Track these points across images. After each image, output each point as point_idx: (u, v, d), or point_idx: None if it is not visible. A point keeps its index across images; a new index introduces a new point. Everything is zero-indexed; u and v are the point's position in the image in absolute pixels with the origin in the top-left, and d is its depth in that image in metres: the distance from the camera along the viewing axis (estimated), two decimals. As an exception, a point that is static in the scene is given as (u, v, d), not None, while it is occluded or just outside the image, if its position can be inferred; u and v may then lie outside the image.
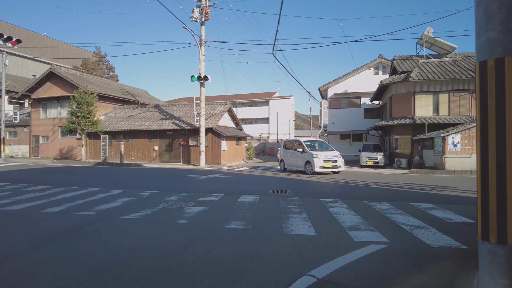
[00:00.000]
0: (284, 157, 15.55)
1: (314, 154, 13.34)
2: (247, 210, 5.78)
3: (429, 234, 4.30)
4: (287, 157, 15.32)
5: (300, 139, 15.06)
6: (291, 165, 14.94)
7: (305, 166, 13.63)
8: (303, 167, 13.84)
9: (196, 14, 19.18)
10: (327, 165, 13.10)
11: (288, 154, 15.24)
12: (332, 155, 13.59)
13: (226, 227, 4.64)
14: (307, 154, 13.60)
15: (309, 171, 13.33)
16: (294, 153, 14.62)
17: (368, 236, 4.20)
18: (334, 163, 13.27)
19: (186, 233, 4.37)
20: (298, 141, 14.83)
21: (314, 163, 13.03)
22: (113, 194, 7.90)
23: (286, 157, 15.43)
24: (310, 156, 13.37)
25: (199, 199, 7.00)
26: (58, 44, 45.50)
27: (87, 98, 20.60)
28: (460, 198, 7.41)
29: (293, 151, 14.75)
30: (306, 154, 13.70)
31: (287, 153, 15.39)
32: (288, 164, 15.20)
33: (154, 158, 22.35)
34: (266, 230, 4.50)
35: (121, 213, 5.65)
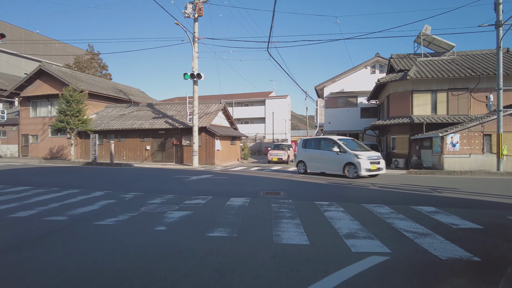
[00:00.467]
0: (305, 158, 13.39)
1: (358, 154, 11.49)
2: (235, 215, 5.30)
3: (435, 243, 3.84)
4: (310, 158, 13.18)
5: (333, 137, 12.95)
6: (318, 168, 12.96)
7: (344, 169, 11.71)
8: (339, 170, 11.90)
9: (189, 10, 18.67)
10: (372, 168, 11.46)
11: (313, 155, 13.10)
12: (375, 156, 11.90)
13: (208, 235, 4.15)
14: (347, 155, 11.71)
15: (352, 174, 11.50)
16: (323, 154, 12.57)
17: (367, 246, 3.74)
18: (377, 164, 11.66)
19: (162, 242, 3.87)
20: (330, 139, 12.76)
21: (361, 165, 11.23)
22: (94, 196, 7.37)
23: (309, 158, 13.26)
24: (353, 157, 11.50)
25: (184, 202, 6.50)
26: (51, 42, 44.70)
27: (76, 96, 19.99)
28: (463, 200, 6.97)
29: (321, 152, 12.72)
30: (345, 155, 11.75)
31: (310, 154, 13.24)
32: (313, 166, 13.14)
33: (146, 158, 21.78)
34: (253, 238, 4.02)
35: (96, 218, 5.14)
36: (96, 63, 40.49)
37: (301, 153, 13.76)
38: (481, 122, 14.33)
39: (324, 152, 12.59)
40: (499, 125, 12.85)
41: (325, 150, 12.59)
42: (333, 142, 12.48)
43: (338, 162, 11.97)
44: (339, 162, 11.94)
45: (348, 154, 11.73)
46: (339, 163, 11.91)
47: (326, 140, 13.00)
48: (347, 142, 12.52)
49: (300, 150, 13.85)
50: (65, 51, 46.00)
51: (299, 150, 13.85)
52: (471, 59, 18.60)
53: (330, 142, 12.60)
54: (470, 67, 17.09)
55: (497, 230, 4.46)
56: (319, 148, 12.98)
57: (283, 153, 21.48)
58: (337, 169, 12.03)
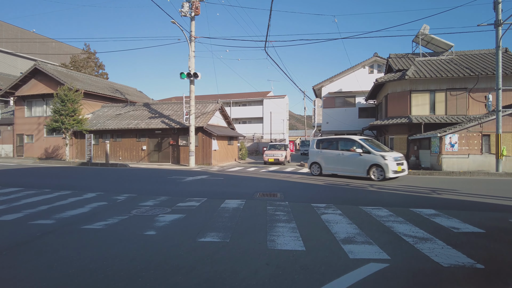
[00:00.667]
0: (320, 159, 12.56)
1: (384, 155, 10.89)
2: (229, 218, 5.12)
3: (436, 249, 3.68)
4: (326, 159, 12.37)
5: (354, 137, 12.15)
6: (336, 169, 12.11)
7: (369, 171, 11.07)
8: (362, 172, 11.24)
9: (186, 9, 18.46)
10: (398, 169, 10.91)
11: (330, 156, 12.27)
12: (399, 156, 11.37)
13: (200, 240, 3.97)
14: (372, 156, 11.06)
15: (378, 176, 10.88)
16: (342, 155, 11.82)
17: (366, 252, 3.57)
18: (402, 166, 11.17)
19: (151, 248, 3.69)
20: (351, 139, 11.97)
21: (388, 167, 10.65)
22: (86, 198, 7.18)
23: (324, 159, 12.44)
24: (379, 158, 10.88)
25: (178, 204, 6.32)
26: (47, 41, 44.34)
27: (71, 95, 19.74)
28: (463, 202, 6.83)
29: (339, 152, 11.94)
30: (370, 156, 11.10)
31: (326, 154, 12.43)
32: (329, 168, 12.30)
33: (142, 158, 21.56)
34: (247, 244, 3.84)
35: (85, 221, 4.95)
36: (92, 62, 40.16)
37: (315, 154, 12.90)
38: (480, 123, 14.21)
39: (343, 153, 11.86)
40: (498, 125, 12.73)
41: (345, 150, 11.87)
42: (354, 142, 11.76)
43: (361, 164, 11.30)
44: (362, 164, 11.26)
45: (373, 155, 11.08)
46: (363, 164, 11.25)
47: (345, 140, 12.22)
48: (369, 142, 11.89)
49: (313, 150, 12.99)
50: (62, 50, 45.66)
51: (312, 151, 13.04)
52: (469, 59, 18.49)
53: (351, 142, 11.89)
54: (468, 67, 16.98)
55: (499, 235, 4.30)
56: (336, 149, 12.20)
57: (280, 154, 20.91)
58: (360, 171, 11.34)
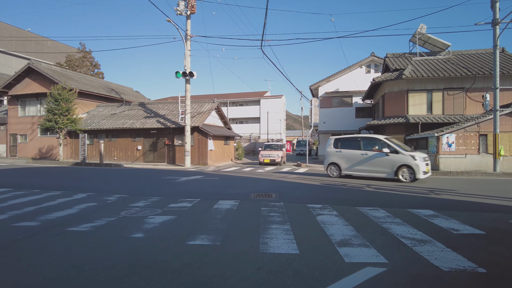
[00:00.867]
0: (340, 159, 11.80)
1: (414, 155, 10.45)
2: (221, 220, 4.94)
3: (436, 252, 3.53)
4: (347, 160, 11.64)
5: (378, 136, 11.59)
6: (359, 170, 11.42)
7: (397, 172, 10.54)
8: (390, 173, 10.71)
9: (182, 8, 18.27)
10: (426, 170, 10.48)
11: (351, 156, 11.56)
12: (425, 156, 10.92)
13: (189, 243, 3.79)
14: (400, 156, 10.54)
15: (408, 178, 10.39)
16: (366, 155, 11.19)
17: (362, 255, 3.41)
18: (428, 166, 10.78)
19: (137, 252, 3.51)
20: (376, 138, 11.37)
21: (419, 168, 10.17)
22: (76, 198, 6.97)
23: (345, 160, 11.70)
24: (408, 159, 10.38)
25: (169, 205, 6.13)
26: (43, 40, 43.90)
27: (65, 94, 19.47)
28: (462, 203, 6.69)
29: (362, 152, 11.29)
30: (398, 156, 10.57)
31: (346, 155, 11.70)
32: (351, 169, 11.60)
33: (137, 158, 21.32)
34: (238, 247, 3.67)
35: (72, 223, 4.76)
36: (88, 61, 39.79)
37: (332, 153, 12.07)
38: (477, 122, 14.12)
39: (366, 153, 11.20)
40: (496, 125, 12.65)
41: (368, 150, 11.25)
42: (379, 141, 11.18)
43: (388, 165, 10.75)
44: (390, 165, 10.72)
45: (401, 155, 10.57)
46: (390, 165, 10.70)
47: (369, 140, 11.61)
48: (392, 141, 11.38)
49: (331, 150, 12.15)
50: (57, 49, 45.20)
51: (330, 151, 12.18)
52: (466, 58, 18.43)
53: (375, 141, 11.31)
54: (465, 67, 16.91)
55: (500, 237, 4.16)
56: (358, 148, 11.51)
57: (276, 154, 20.34)
58: (387, 172, 10.81)
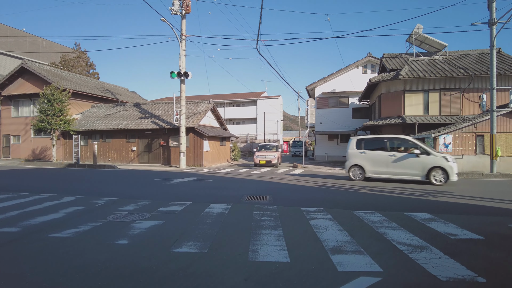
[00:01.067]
0: (364, 161, 11.13)
1: (446, 157, 10.07)
2: (211, 225, 4.76)
3: (433, 259, 3.37)
4: (372, 161, 11.00)
5: (406, 136, 11.12)
6: (386, 173, 10.81)
7: (428, 174, 10.07)
8: (420, 175, 10.22)
9: (176, 7, 18.07)
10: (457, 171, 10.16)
11: (377, 157, 10.94)
12: (453, 157, 10.65)
13: (175, 250, 3.60)
14: (432, 157, 10.10)
15: (440, 180, 9.94)
16: (394, 156, 10.61)
17: (356, 263, 3.24)
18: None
19: (119, 260, 3.32)
20: (405, 139, 10.90)
21: (453, 170, 9.80)
22: (63, 202, 6.76)
23: (370, 161, 11.05)
24: (441, 160, 9.95)
25: (159, 209, 5.94)
26: (38, 40, 43.48)
27: (58, 95, 19.20)
28: (459, 206, 6.55)
29: (390, 154, 10.72)
30: (430, 158, 10.13)
31: (371, 156, 11.06)
32: (376, 172, 10.97)
33: (132, 159, 21.07)
34: (226, 255, 3.49)
35: (54, 228, 4.56)
36: (83, 61, 39.45)
37: (355, 155, 11.34)
38: (474, 123, 14.04)
39: (394, 154, 10.64)
40: (493, 125, 12.55)
41: (396, 151, 10.74)
42: (409, 142, 10.73)
43: (419, 166, 10.26)
44: (420, 166, 10.24)
45: (433, 156, 10.17)
46: (421, 167, 10.23)
47: (395, 140, 11.10)
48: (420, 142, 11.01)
49: (353, 151, 11.43)
50: (52, 49, 44.75)
51: (352, 152, 11.44)
52: (463, 59, 18.37)
53: (404, 142, 10.87)
54: (462, 67, 16.84)
55: (500, 242, 4.01)
56: (385, 149, 10.95)
57: (272, 155, 19.48)
58: (417, 174, 10.31)
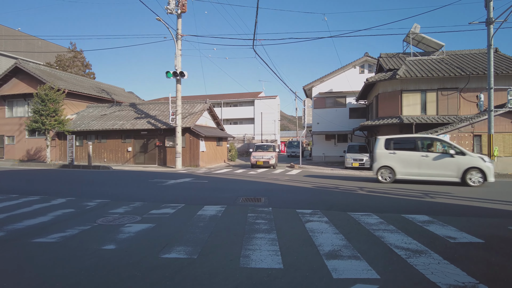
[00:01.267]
0: (394, 162, 10.62)
1: (483, 157, 9.83)
2: (203, 228, 4.61)
3: (432, 264, 3.24)
4: (403, 162, 10.50)
5: (438, 136, 10.79)
6: (417, 174, 10.37)
7: (464, 175, 9.73)
8: (455, 177, 9.86)
9: (172, 6, 17.90)
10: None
11: (407, 158, 10.48)
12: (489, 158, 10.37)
13: (163, 256, 3.45)
14: (468, 158, 9.77)
15: (477, 181, 9.64)
16: (426, 157, 10.17)
17: (352, 269, 3.11)
18: None
19: (104, 267, 3.16)
20: (436, 139, 10.61)
21: (491, 170, 9.59)
22: (53, 204, 6.59)
23: (400, 162, 10.54)
24: (478, 161, 9.66)
25: (150, 211, 5.78)
26: (33, 39, 43.11)
27: (52, 95, 18.95)
28: (458, 207, 6.44)
29: (422, 154, 10.28)
30: (465, 158, 9.79)
31: (402, 156, 10.56)
32: (407, 173, 10.48)
33: (128, 160, 20.87)
34: (216, 261, 3.34)
35: (40, 233, 4.39)
36: (79, 61, 39.13)
37: (384, 155, 10.80)
38: (471, 123, 13.98)
39: (427, 155, 10.22)
40: (490, 125, 12.48)
41: (428, 151, 10.33)
42: (442, 142, 10.41)
43: (454, 167, 9.90)
44: (455, 167, 9.88)
45: (469, 156, 9.84)
46: (457, 168, 9.86)
47: (427, 140, 10.76)
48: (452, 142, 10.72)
49: (382, 152, 10.89)
50: (48, 49, 44.41)
51: (381, 152, 10.90)
52: (460, 58, 18.32)
53: (437, 142, 10.54)
54: (459, 67, 16.77)
55: (500, 246, 3.89)
56: (416, 149, 10.53)
57: (270, 155, 18.73)
58: (451, 175, 9.94)
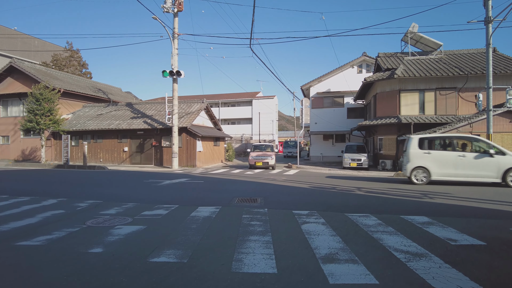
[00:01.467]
0: (429, 162, 10.15)
1: None
2: (196, 230, 4.45)
3: (433, 268, 3.09)
4: (439, 163, 10.05)
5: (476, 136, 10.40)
6: (455, 175, 9.95)
7: (505, 176, 9.43)
8: (495, 177, 9.56)
9: (169, 5, 17.73)
10: None
11: (444, 158, 10.07)
12: None
13: (152, 260, 3.28)
14: (509, 158, 9.50)
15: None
16: (463, 156, 9.82)
17: (350, 274, 2.95)
18: None
19: (87, 273, 2.99)
20: (474, 138, 10.24)
21: None
22: (43, 205, 6.41)
23: (436, 162, 10.08)
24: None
25: (142, 213, 5.61)
26: (30, 38, 42.77)
27: (47, 94, 18.72)
28: (458, 208, 6.31)
29: (459, 153, 9.91)
30: (506, 158, 9.51)
31: (438, 156, 10.15)
32: (444, 174, 10.02)
33: (124, 160, 20.66)
34: (207, 265, 3.18)
35: (25, 235, 4.21)
36: (75, 61, 38.83)
37: (419, 155, 10.32)
38: (470, 123, 13.87)
39: (464, 155, 9.86)
40: (489, 125, 12.36)
41: (466, 151, 9.99)
42: (480, 141, 10.03)
43: (494, 168, 9.58)
44: (495, 168, 9.56)
45: (509, 156, 9.51)
46: (496, 168, 9.55)
47: (463, 139, 10.42)
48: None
49: (415, 152, 10.38)
50: (45, 48, 44.09)
51: (414, 152, 10.38)
52: (458, 58, 18.24)
53: (474, 141, 10.14)
54: (457, 66, 16.69)
55: (503, 248, 3.75)
56: (452, 149, 10.16)
57: (270, 156, 17.89)
58: (491, 176, 9.63)
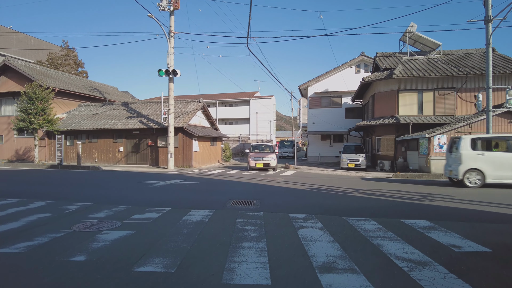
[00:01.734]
0: (483, 164, 9.51)
1: None
2: (186, 236, 4.23)
3: (438, 279, 2.89)
4: (495, 165, 9.45)
5: None
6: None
7: None
8: None
9: (165, 3, 17.46)
10: None
11: (500, 159, 9.48)
12: None
13: (137, 270, 3.06)
14: None
15: None
16: None
17: (349, 285, 2.74)
18: None
19: (66, 283, 2.76)
20: None
21: None
22: (31, 208, 6.16)
23: (490, 164, 9.47)
24: None
25: (133, 216, 5.38)
26: (25, 37, 42.33)
27: (40, 93, 18.41)
28: (459, 211, 6.11)
29: None
30: None
31: (493, 158, 9.55)
32: (502, 175, 9.38)
33: (119, 160, 20.37)
34: (196, 275, 2.96)
35: (5, 242, 3.97)
36: (71, 60, 38.46)
37: (472, 157, 9.64)
38: (469, 123, 13.73)
39: None
40: (489, 125, 12.21)
41: None
42: None
43: None
44: None
45: None
46: None
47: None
48: None
49: (467, 153, 9.73)
50: (41, 47, 43.67)
51: (466, 153, 9.74)
52: (457, 58, 18.11)
53: None
54: (456, 66, 16.55)
55: (510, 256, 3.56)
56: (507, 150, 9.59)
57: (271, 157, 16.63)
58: None
